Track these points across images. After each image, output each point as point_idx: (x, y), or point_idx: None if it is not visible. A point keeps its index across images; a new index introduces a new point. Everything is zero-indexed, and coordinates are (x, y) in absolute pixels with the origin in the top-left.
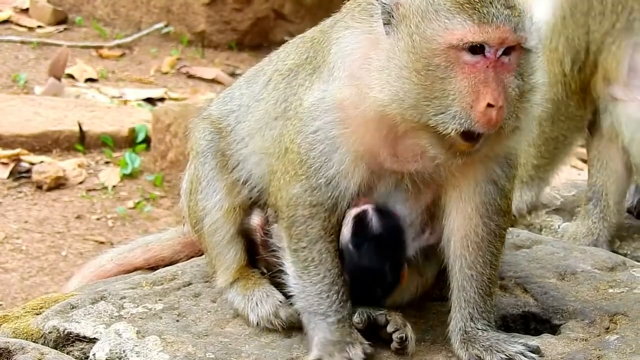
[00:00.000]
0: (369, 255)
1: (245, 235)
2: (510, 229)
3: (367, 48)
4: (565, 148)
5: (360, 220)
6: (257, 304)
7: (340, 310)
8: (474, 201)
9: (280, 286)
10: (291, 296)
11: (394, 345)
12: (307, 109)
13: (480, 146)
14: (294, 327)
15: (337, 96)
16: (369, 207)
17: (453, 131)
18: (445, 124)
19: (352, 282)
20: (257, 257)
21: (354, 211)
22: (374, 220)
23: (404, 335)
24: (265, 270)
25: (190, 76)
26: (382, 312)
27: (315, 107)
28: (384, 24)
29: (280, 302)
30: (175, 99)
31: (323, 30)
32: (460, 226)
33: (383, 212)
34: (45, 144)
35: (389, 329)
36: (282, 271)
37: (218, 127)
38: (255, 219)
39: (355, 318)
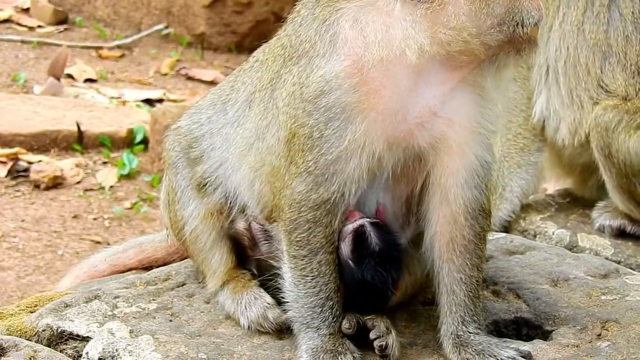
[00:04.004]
0: (371, 271)
1: (232, 238)
2: (504, 234)
3: (380, 17)
4: None
5: (359, 236)
6: (245, 307)
7: (332, 325)
8: (461, 200)
9: (269, 288)
10: (282, 300)
11: (376, 351)
12: (317, 86)
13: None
14: (284, 329)
15: (353, 63)
16: (365, 222)
17: (530, 25)
18: (522, 23)
19: (351, 293)
20: (247, 258)
21: (350, 226)
22: (372, 235)
23: (384, 343)
24: (255, 272)
25: (189, 78)
26: (370, 316)
27: (329, 79)
28: None
29: (268, 304)
30: (174, 101)
31: (289, 34)
32: (445, 230)
33: (380, 226)
34: (43, 143)
35: (372, 335)
36: (277, 275)
37: (188, 147)
38: (241, 223)
39: (345, 324)
